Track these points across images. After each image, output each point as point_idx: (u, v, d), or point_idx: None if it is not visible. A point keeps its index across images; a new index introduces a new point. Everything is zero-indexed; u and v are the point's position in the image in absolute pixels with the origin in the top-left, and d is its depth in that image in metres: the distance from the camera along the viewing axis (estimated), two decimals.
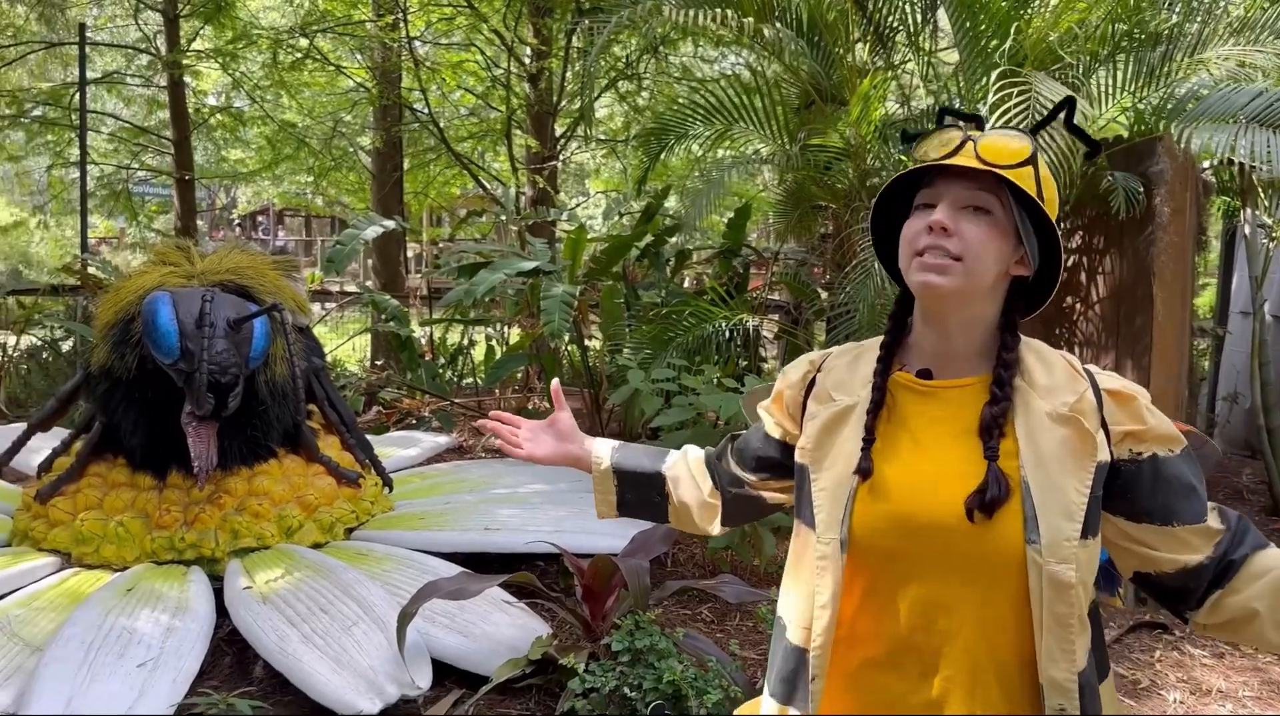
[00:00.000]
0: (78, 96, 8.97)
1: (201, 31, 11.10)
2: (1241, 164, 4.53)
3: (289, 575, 3.35)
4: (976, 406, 1.30)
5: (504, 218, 8.43)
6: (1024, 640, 1.23)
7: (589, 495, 4.31)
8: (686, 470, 1.65)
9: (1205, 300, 10.00)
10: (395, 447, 5.30)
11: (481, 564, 3.58)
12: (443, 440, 5.78)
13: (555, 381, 1.80)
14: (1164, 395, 4.28)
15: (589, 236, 6.15)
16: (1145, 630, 3.81)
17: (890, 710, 1.29)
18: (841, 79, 5.11)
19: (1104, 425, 1.27)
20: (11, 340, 7.85)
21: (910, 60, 5.57)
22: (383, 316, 7.06)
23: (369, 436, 4.72)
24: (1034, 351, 1.34)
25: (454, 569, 3.38)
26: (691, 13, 4.50)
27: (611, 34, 5.32)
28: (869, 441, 1.31)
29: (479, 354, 8.47)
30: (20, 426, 5.68)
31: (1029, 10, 4.58)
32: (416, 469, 5.10)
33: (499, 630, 3.12)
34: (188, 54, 10.58)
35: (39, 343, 8.17)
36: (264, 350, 3.63)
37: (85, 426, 4.04)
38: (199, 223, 12.07)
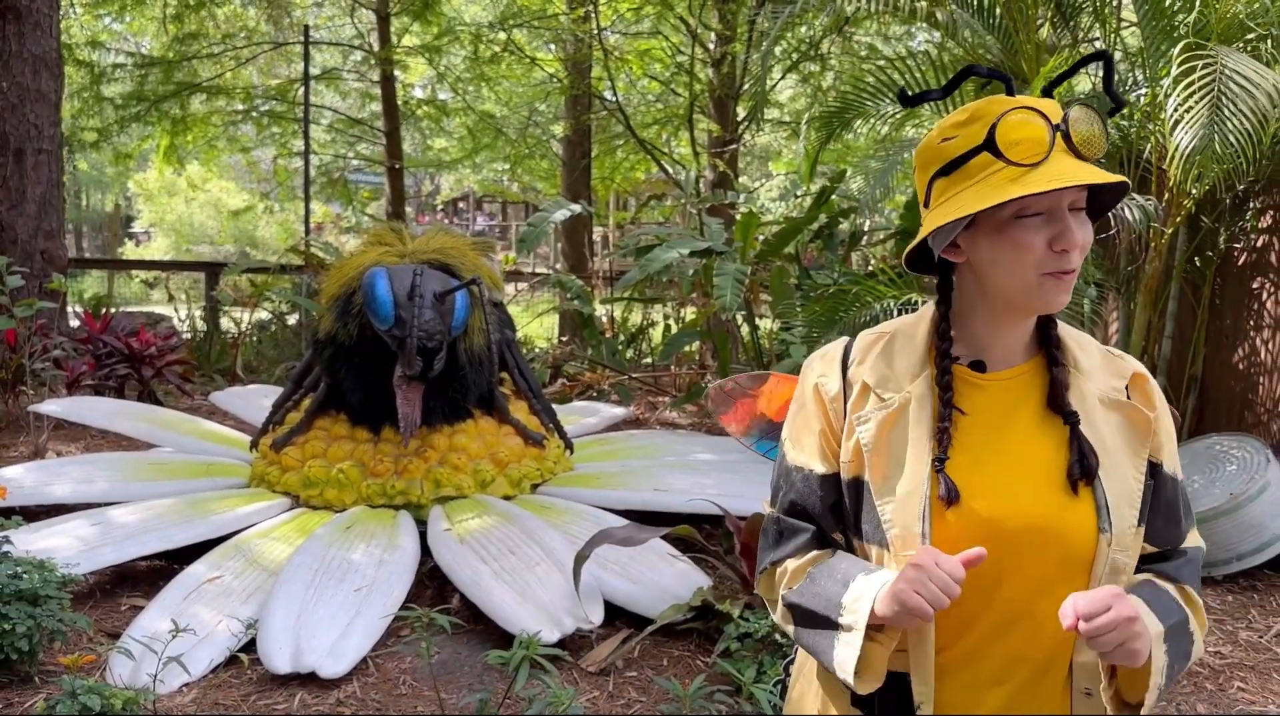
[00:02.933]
0: (302, 91, 9.89)
1: (410, 28, 11.94)
2: None
3: (482, 520, 3.74)
4: (1032, 394, 1.25)
5: (684, 201, 8.70)
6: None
7: (755, 462, 4.51)
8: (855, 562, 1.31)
9: None
10: (577, 416, 5.70)
11: (651, 522, 3.86)
12: (620, 411, 6.14)
13: None
14: None
15: (766, 219, 6.32)
16: None
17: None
18: (1023, 58, 5.06)
19: None
20: (245, 314, 8.79)
21: (1098, 39, 5.44)
22: (568, 296, 7.50)
23: (553, 405, 5.09)
24: (1067, 332, 1.29)
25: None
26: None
27: (792, 18, 5.45)
28: (943, 458, 1.22)
29: (658, 334, 8.80)
30: (254, 387, 6.45)
31: None
32: (595, 436, 5.47)
33: (664, 579, 3.40)
34: (398, 49, 11.40)
35: (269, 316, 9.11)
36: (464, 320, 4.04)
37: (313, 386, 4.59)
38: (407, 208, 12.96)
